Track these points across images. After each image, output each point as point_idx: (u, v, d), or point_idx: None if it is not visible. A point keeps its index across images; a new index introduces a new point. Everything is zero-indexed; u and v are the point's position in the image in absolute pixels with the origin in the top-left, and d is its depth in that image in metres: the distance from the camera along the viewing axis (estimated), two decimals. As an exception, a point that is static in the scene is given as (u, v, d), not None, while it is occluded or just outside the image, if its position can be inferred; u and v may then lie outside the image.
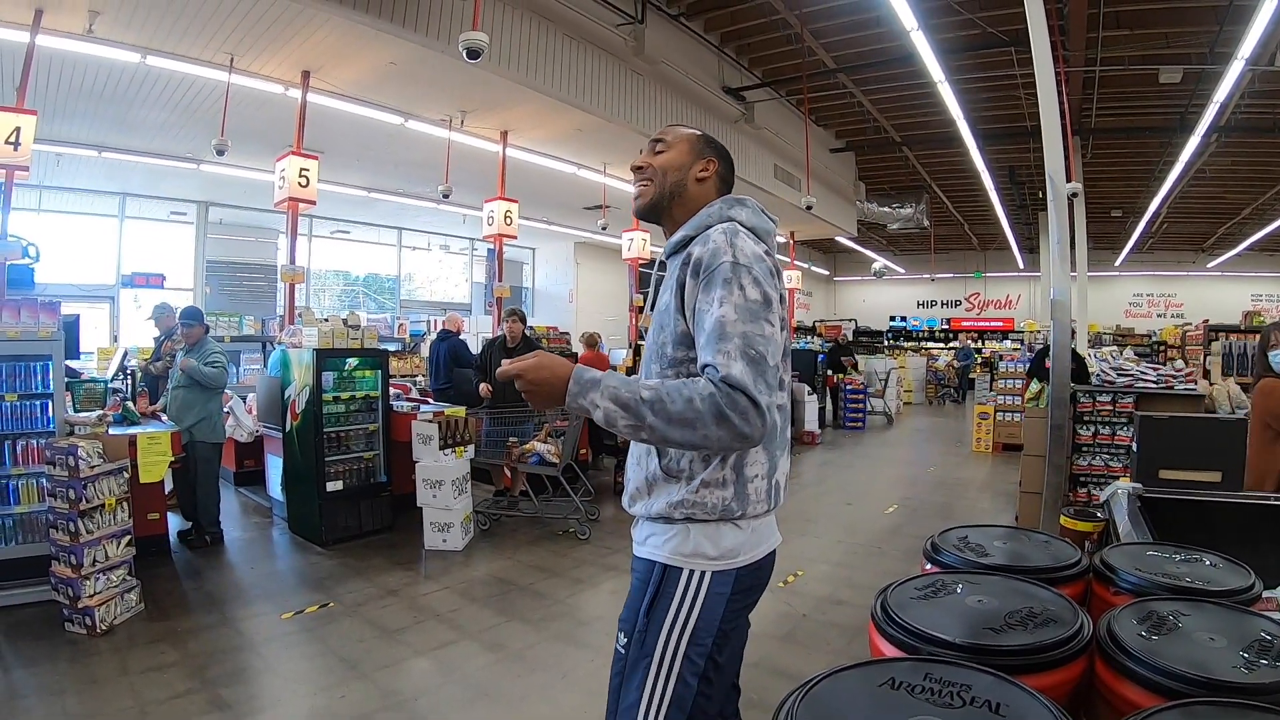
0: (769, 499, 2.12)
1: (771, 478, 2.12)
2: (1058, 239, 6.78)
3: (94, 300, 14.65)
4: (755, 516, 2.09)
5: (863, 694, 1.63)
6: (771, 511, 2.16)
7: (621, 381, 1.90)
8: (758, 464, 2.08)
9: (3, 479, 5.60)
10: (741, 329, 1.89)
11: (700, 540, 2.05)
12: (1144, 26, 11.25)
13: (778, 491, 2.16)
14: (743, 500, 2.05)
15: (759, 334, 1.91)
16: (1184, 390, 7.29)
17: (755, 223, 2.20)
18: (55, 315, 5.82)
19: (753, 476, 2.07)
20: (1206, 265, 28.60)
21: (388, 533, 7.74)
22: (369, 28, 7.96)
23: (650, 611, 2.07)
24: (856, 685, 1.67)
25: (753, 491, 2.07)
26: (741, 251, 2.00)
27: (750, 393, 1.83)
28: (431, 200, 15.27)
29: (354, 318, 8.17)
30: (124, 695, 4.28)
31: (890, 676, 1.68)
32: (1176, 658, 1.76)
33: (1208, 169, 17.67)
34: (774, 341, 1.94)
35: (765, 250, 2.10)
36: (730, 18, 12.62)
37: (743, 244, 2.03)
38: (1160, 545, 2.78)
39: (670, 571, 2.07)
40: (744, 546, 2.07)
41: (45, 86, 9.36)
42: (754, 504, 2.07)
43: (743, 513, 2.05)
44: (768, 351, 1.90)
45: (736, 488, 2.05)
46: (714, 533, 2.05)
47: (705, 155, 2.35)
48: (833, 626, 5.45)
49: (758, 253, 2.04)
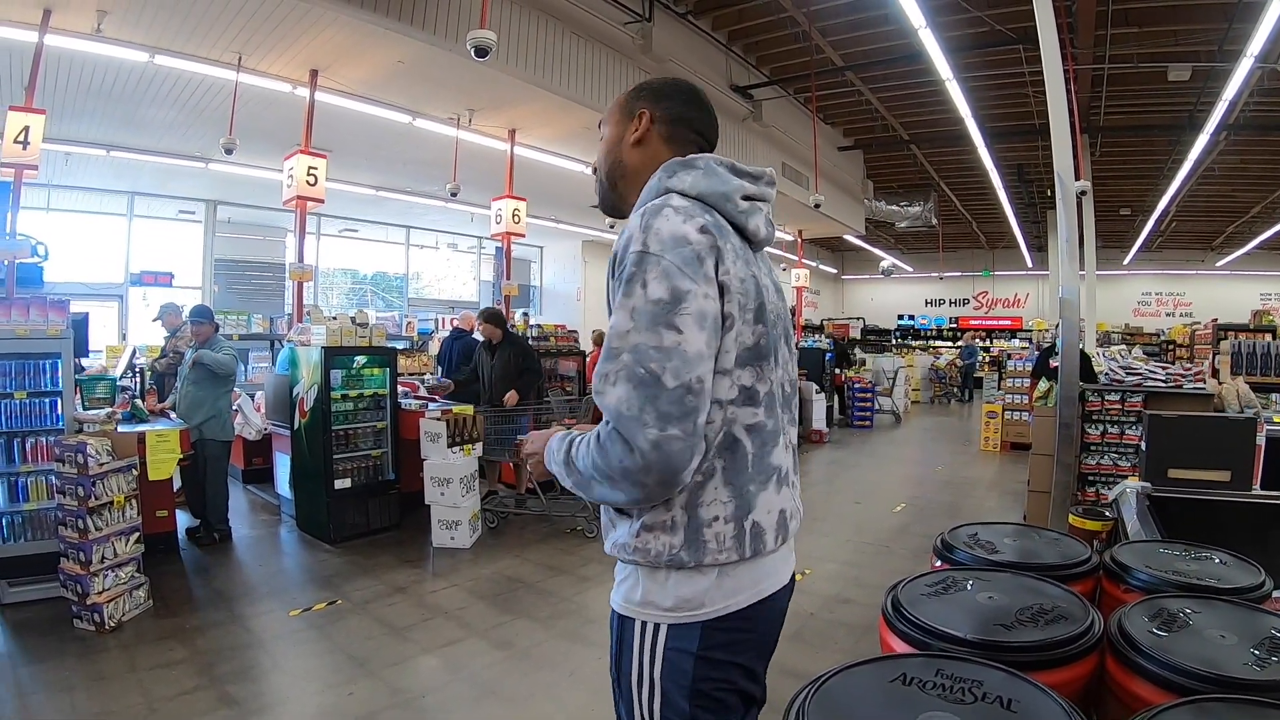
0: (739, 546, 1.65)
1: (743, 519, 1.66)
2: (1066, 237, 6.74)
3: (103, 299, 14.70)
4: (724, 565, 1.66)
5: (874, 690, 1.62)
6: (756, 559, 1.70)
7: (559, 444, 1.75)
8: (717, 503, 1.64)
9: (12, 476, 5.63)
10: (633, 341, 1.54)
11: (649, 588, 1.67)
12: (1153, 24, 11.23)
13: (760, 535, 1.69)
14: (696, 549, 1.62)
15: (654, 345, 1.51)
16: (1193, 389, 7.28)
17: (705, 187, 1.72)
18: (64, 313, 5.85)
19: (710, 519, 1.63)
20: (1215, 264, 28.51)
21: (395, 530, 7.75)
22: (377, 26, 7.99)
23: (618, 664, 1.75)
24: (868, 681, 1.65)
25: (712, 537, 1.63)
26: (656, 235, 1.58)
27: (627, 428, 1.52)
28: (439, 199, 15.28)
29: (362, 316, 8.18)
30: (132, 692, 4.29)
31: (901, 673, 1.67)
32: (1188, 655, 1.76)
33: (1217, 167, 17.61)
34: (679, 353, 1.51)
35: (703, 226, 1.62)
36: (738, 15, 12.64)
37: (660, 225, 1.59)
38: (1170, 543, 2.77)
39: (625, 622, 1.72)
40: (711, 596, 1.64)
41: (54, 86, 9.40)
42: (714, 553, 1.63)
43: (696, 563, 1.62)
44: (665, 368, 1.50)
45: (687, 533, 1.63)
46: (664, 580, 1.66)
47: (634, 111, 1.93)
48: (840, 625, 5.45)
49: (680, 233, 1.58)
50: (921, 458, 13.92)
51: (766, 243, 1.86)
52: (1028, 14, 7.04)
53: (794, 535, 1.84)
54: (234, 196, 16.02)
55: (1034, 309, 32.14)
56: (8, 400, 5.65)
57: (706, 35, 12.66)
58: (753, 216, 1.78)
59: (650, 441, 1.48)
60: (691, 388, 1.52)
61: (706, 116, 1.95)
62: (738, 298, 1.63)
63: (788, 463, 1.82)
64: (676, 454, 1.50)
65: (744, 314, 1.65)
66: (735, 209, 1.74)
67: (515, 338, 9.01)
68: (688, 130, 1.92)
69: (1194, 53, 11.76)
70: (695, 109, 1.94)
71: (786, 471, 1.80)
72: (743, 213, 1.75)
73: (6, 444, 5.65)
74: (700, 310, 1.55)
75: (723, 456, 1.65)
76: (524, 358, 8.54)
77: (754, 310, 1.67)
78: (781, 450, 1.78)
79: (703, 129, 1.94)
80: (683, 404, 1.50)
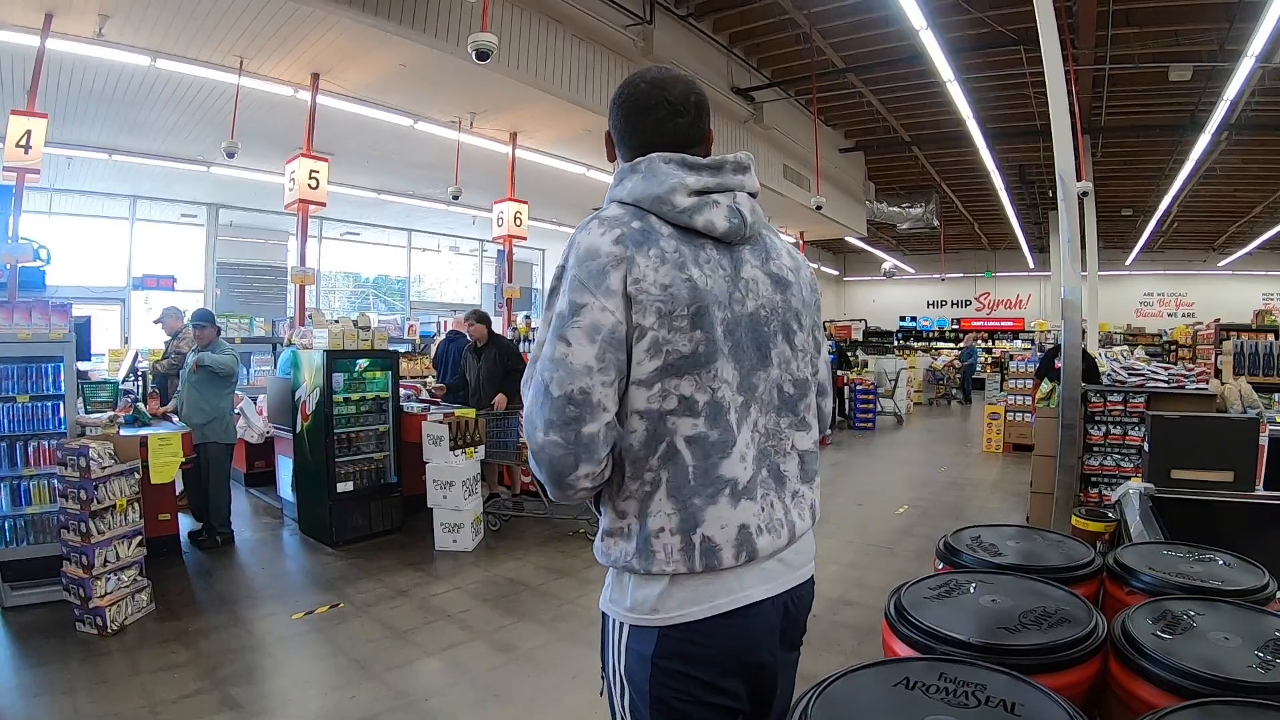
0: (688, 559, 1.64)
1: (689, 533, 1.64)
2: (1068, 238, 6.74)
3: (105, 302, 14.74)
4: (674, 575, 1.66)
5: (878, 693, 1.62)
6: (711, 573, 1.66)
7: None
8: (660, 515, 1.65)
9: (15, 480, 5.65)
10: (544, 350, 1.64)
11: (615, 589, 1.75)
12: (1154, 24, 11.21)
13: (712, 551, 1.65)
14: (645, 558, 1.65)
15: (550, 356, 1.61)
16: (1195, 390, 7.28)
17: (641, 191, 1.71)
18: (66, 317, 5.86)
19: (656, 530, 1.65)
20: (1217, 264, 28.47)
21: (398, 533, 7.74)
22: (378, 30, 8.00)
23: (602, 658, 1.81)
24: (871, 685, 1.65)
25: (659, 549, 1.64)
26: (575, 249, 1.65)
27: (526, 431, 1.67)
28: (441, 202, 15.30)
29: (364, 319, 8.18)
30: (135, 695, 4.30)
31: (905, 676, 1.66)
32: (1191, 657, 1.75)
33: (1218, 167, 17.60)
34: (565, 365, 1.57)
35: (619, 236, 1.63)
36: (739, 18, 12.63)
37: (581, 238, 1.66)
38: (1173, 545, 2.76)
39: (604, 618, 1.79)
40: (664, 603, 1.65)
41: (56, 90, 9.42)
42: (661, 563, 1.64)
43: (645, 571, 1.65)
44: (553, 379, 1.58)
45: (638, 542, 1.67)
46: (625, 582, 1.71)
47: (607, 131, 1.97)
48: (843, 627, 5.43)
49: (594, 246, 1.62)
50: (924, 459, 13.91)
51: (733, 235, 1.77)
52: (1028, 15, 7.03)
53: (773, 552, 1.75)
54: (236, 200, 16.07)
55: (1036, 310, 32.11)
56: (10, 404, 5.68)
57: (707, 37, 12.65)
58: (702, 212, 1.71)
59: (538, 444, 1.60)
60: (573, 398, 1.56)
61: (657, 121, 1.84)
62: (655, 306, 1.60)
63: (752, 474, 1.72)
64: (558, 459, 1.58)
65: (670, 322, 1.61)
66: (673, 209, 1.69)
67: (500, 339, 9.05)
68: (639, 149, 1.83)
69: (1195, 52, 11.74)
70: (641, 118, 1.85)
71: (749, 483, 1.71)
72: (685, 210, 1.70)
73: (9, 448, 5.66)
74: (593, 323, 1.58)
75: (665, 468, 1.65)
76: (509, 358, 8.57)
77: (688, 316, 1.63)
78: (737, 461, 1.69)
79: (656, 138, 1.83)
80: (564, 413, 1.57)
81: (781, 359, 1.82)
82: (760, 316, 1.78)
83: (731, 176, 1.79)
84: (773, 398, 1.79)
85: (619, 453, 1.68)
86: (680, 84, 1.85)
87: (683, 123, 1.84)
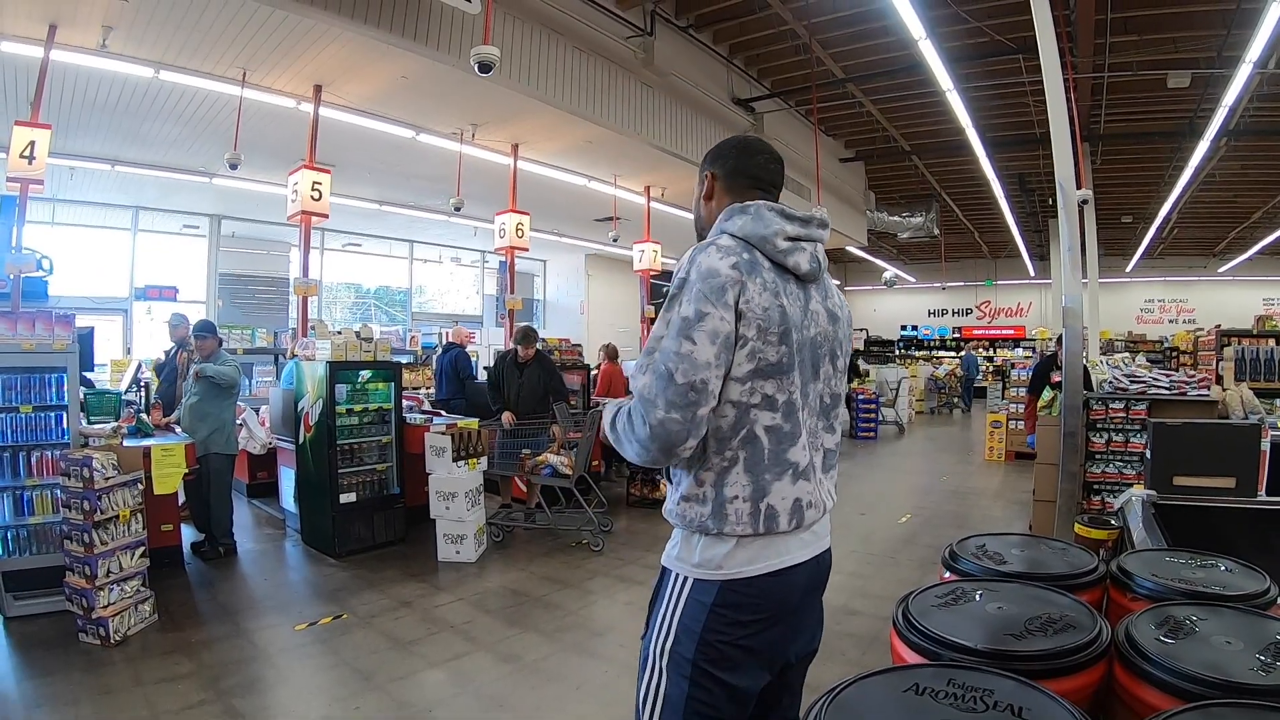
0: (755, 522, 2.00)
1: (759, 501, 2.01)
2: (1068, 246, 6.75)
3: (107, 313, 14.73)
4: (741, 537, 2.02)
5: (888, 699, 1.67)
6: (771, 535, 2.04)
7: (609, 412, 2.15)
8: (737, 485, 2.01)
9: (17, 490, 5.66)
10: (664, 345, 1.97)
11: (684, 547, 2.08)
12: (1152, 32, 11.23)
13: (774, 517, 2.02)
14: (720, 519, 2.00)
15: (674, 350, 1.92)
16: (1197, 396, 7.25)
17: (750, 229, 2.09)
18: (70, 327, 5.87)
19: (731, 498, 2.01)
20: (1218, 270, 28.43)
21: (401, 544, 7.75)
22: (380, 42, 8.01)
23: (651, 607, 2.16)
24: (881, 691, 1.71)
25: (732, 513, 2.00)
26: (697, 267, 1.99)
27: (644, 407, 1.95)
28: (443, 213, 15.28)
29: (367, 330, 8.18)
30: (138, 705, 4.30)
31: (914, 683, 1.71)
32: (1194, 661, 1.77)
33: (1217, 173, 17.61)
34: (690, 359, 1.90)
35: (735, 263, 1.98)
36: (739, 29, 12.65)
37: (703, 260, 2.00)
38: (1176, 551, 2.78)
39: (665, 573, 2.14)
40: (730, 560, 2.00)
41: (59, 101, 9.43)
42: (733, 525, 2.00)
43: (719, 531, 2.01)
44: (678, 369, 1.90)
45: (714, 505, 2.01)
46: (695, 542, 2.05)
47: (704, 171, 2.36)
48: (847, 636, 5.42)
49: (714, 268, 1.97)
50: (926, 468, 13.90)
51: (812, 276, 2.18)
52: (1027, 24, 7.06)
53: (812, 523, 2.13)
54: (238, 211, 16.06)
55: (1037, 318, 32.10)
56: (13, 414, 5.68)
57: (708, 49, 12.68)
58: (793, 255, 2.11)
59: (658, 420, 1.91)
60: (695, 386, 1.90)
61: (760, 161, 2.31)
62: (756, 323, 1.97)
63: (809, 460, 2.11)
64: (674, 433, 1.91)
65: (764, 336, 1.98)
66: (774, 249, 2.08)
67: (545, 358, 9.00)
68: (744, 178, 2.29)
69: (1193, 59, 11.76)
70: (748, 157, 2.31)
71: (806, 468, 2.09)
72: (782, 251, 2.09)
73: (12, 458, 5.67)
74: (714, 329, 1.92)
75: (745, 449, 2.01)
76: (551, 378, 8.60)
77: (777, 334, 2.00)
78: (800, 449, 2.07)
79: (758, 172, 2.30)
80: (685, 397, 1.90)
81: (826, 376, 2.22)
82: (817, 341, 2.17)
83: (815, 230, 2.19)
84: (816, 405, 2.17)
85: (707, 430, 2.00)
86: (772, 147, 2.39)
87: (775, 169, 2.34)
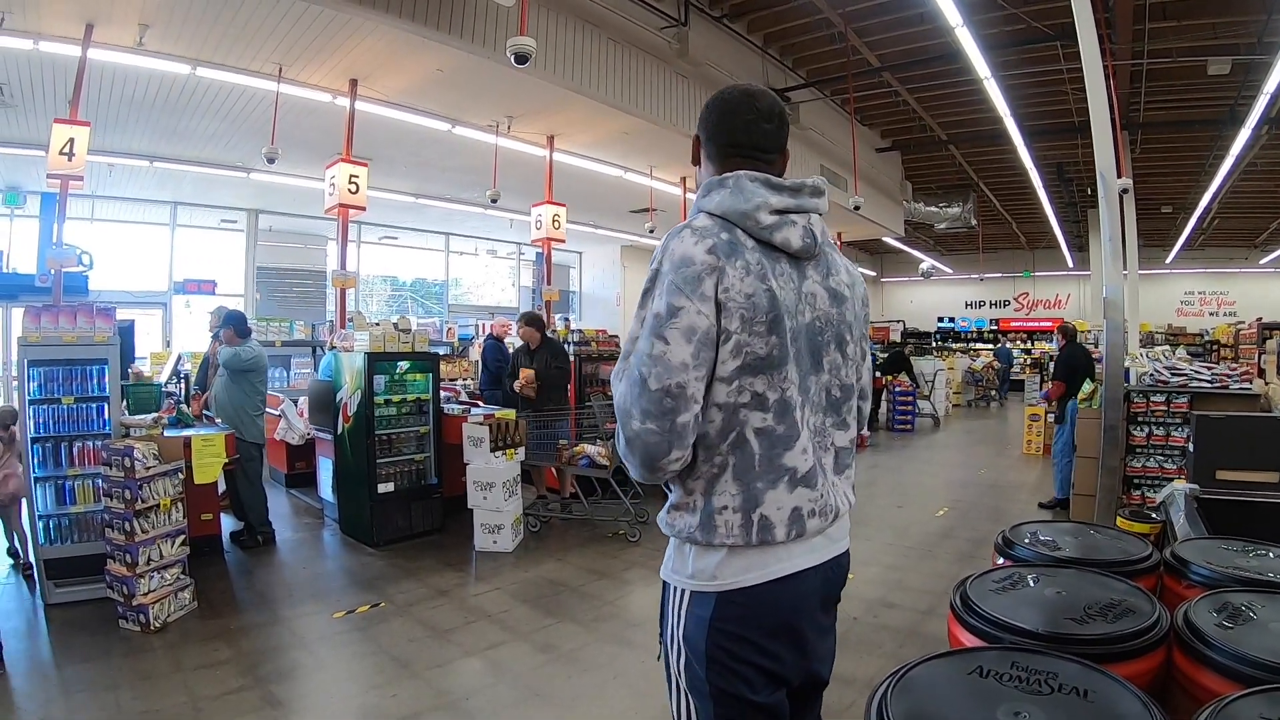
0: (746, 534, 1.82)
1: (750, 511, 1.83)
2: (1109, 236, 6.65)
3: (147, 307, 14.96)
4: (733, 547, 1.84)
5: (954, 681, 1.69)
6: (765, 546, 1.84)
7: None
8: (725, 494, 1.84)
9: (60, 479, 5.74)
10: (638, 347, 1.82)
11: (676, 557, 1.93)
12: (1191, 17, 11.04)
13: (768, 528, 1.83)
14: (708, 531, 1.83)
15: (647, 352, 1.77)
16: (1239, 390, 7.12)
17: (729, 205, 1.87)
18: (110, 320, 5.94)
19: (720, 508, 1.84)
20: (1259, 261, 27.94)
21: (438, 534, 7.78)
22: (416, 35, 8.04)
23: (660, 624, 2.01)
24: (946, 673, 1.73)
25: (721, 524, 1.83)
26: (670, 255, 1.80)
27: (621, 419, 1.82)
28: (479, 205, 15.38)
29: (405, 322, 8.21)
30: (177, 691, 4.34)
31: (978, 665, 1.73)
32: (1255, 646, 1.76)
33: (1259, 162, 17.27)
34: (663, 362, 1.74)
35: (711, 246, 1.79)
36: (773, 18, 12.57)
37: (675, 245, 1.81)
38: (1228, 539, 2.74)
39: (664, 586, 1.99)
40: (722, 571, 1.83)
41: (97, 99, 9.57)
42: (722, 536, 1.83)
43: (707, 542, 1.84)
44: (651, 373, 1.74)
45: (702, 516, 1.85)
46: (686, 553, 1.90)
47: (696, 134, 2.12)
48: (884, 629, 5.37)
49: (688, 254, 1.77)
50: (963, 461, 13.76)
51: (806, 253, 1.93)
52: (1065, 10, 6.96)
53: (818, 531, 1.92)
54: (275, 205, 16.24)
55: (1075, 310, 31.66)
56: (55, 405, 5.75)
57: (742, 39, 12.61)
58: (781, 230, 1.87)
59: (634, 431, 1.77)
60: (670, 391, 1.74)
61: (744, 121, 2.01)
62: (740, 313, 1.76)
63: (813, 464, 1.90)
64: (653, 445, 1.76)
65: (749, 327, 1.77)
66: (758, 225, 1.85)
67: (553, 342, 9.05)
68: (729, 145, 2.01)
69: (1233, 45, 11.55)
70: (731, 117, 2.01)
71: (809, 472, 1.89)
72: (768, 228, 1.86)
73: (54, 448, 5.76)
74: (689, 325, 1.74)
75: (734, 454, 1.83)
76: (556, 356, 8.65)
77: (765, 323, 1.79)
78: (800, 453, 1.87)
79: (739, 137, 2.01)
80: (660, 404, 1.74)
81: (832, 366, 1.98)
82: (815, 327, 1.93)
83: (808, 199, 1.94)
84: (820, 400, 1.95)
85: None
86: (767, 97, 2.05)
87: (767, 129, 2.01)
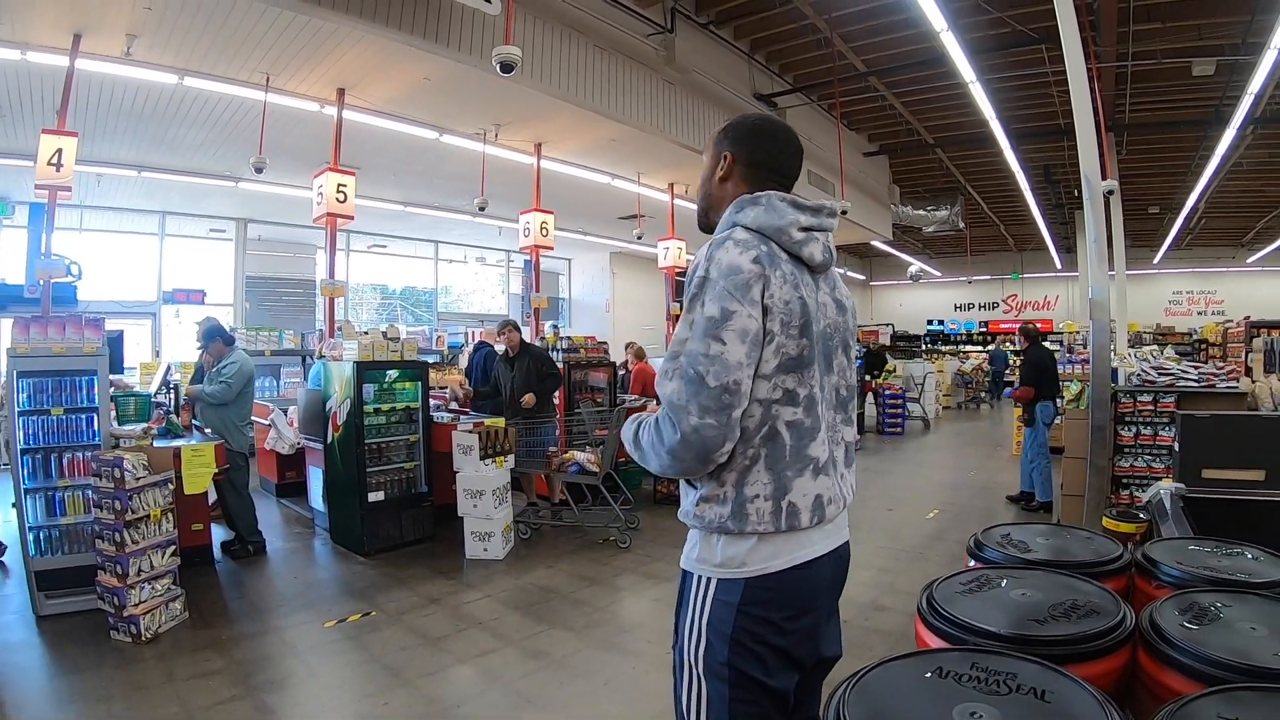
0: (776, 520, 1.94)
1: (781, 499, 1.95)
2: (1095, 238, 6.70)
3: (136, 317, 14.92)
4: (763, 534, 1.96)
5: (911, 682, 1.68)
6: (792, 532, 1.97)
7: (629, 427, 2.13)
8: (758, 484, 1.95)
9: (49, 491, 5.73)
10: (689, 347, 1.91)
11: (704, 547, 2.02)
12: (1175, 19, 11.12)
13: (795, 514, 1.96)
14: (740, 519, 1.94)
15: (703, 353, 1.87)
16: (1226, 388, 7.17)
17: (764, 221, 2.02)
18: (99, 331, 5.93)
19: (752, 496, 1.95)
20: (1246, 260, 28.16)
21: (429, 542, 7.77)
22: (402, 44, 8.07)
23: (677, 614, 2.10)
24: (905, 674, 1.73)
25: (753, 512, 1.94)
26: (716, 264, 1.92)
27: (675, 414, 1.90)
28: (467, 213, 15.38)
29: (393, 330, 8.22)
30: (169, 701, 4.34)
31: (937, 666, 1.73)
32: (1218, 646, 1.77)
33: (1245, 162, 17.41)
34: (721, 360, 1.85)
35: (755, 257, 1.93)
36: (760, 24, 12.64)
37: (721, 256, 1.93)
38: (1202, 539, 2.77)
39: (686, 576, 2.08)
40: (751, 557, 1.94)
41: (85, 108, 9.57)
42: (754, 524, 1.94)
43: (739, 531, 1.95)
44: (709, 371, 1.85)
45: (734, 505, 1.95)
46: (715, 542, 1.99)
47: (721, 150, 2.23)
48: (875, 632, 5.40)
49: (735, 263, 1.91)
50: (953, 463, 13.80)
51: (824, 267, 2.12)
52: (1049, 13, 7.01)
53: (833, 518, 2.06)
54: (264, 214, 16.24)
55: (1064, 311, 31.83)
56: (45, 416, 5.75)
57: (729, 45, 12.67)
58: (808, 245, 2.05)
59: (691, 426, 1.85)
60: (728, 388, 1.85)
61: (785, 152, 2.22)
62: (780, 317, 1.92)
63: (829, 455, 2.06)
64: (710, 438, 1.86)
65: (787, 330, 1.93)
66: (790, 240, 2.02)
67: (532, 348, 9.07)
68: (765, 169, 2.18)
69: (1218, 46, 11.65)
70: (774, 148, 2.21)
71: (826, 462, 2.04)
72: (798, 243, 2.03)
73: (44, 459, 5.75)
74: (743, 328, 1.87)
75: (766, 446, 1.95)
76: (543, 364, 8.64)
77: (798, 327, 1.95)
78: (820, 444, 2.02)
79: (779, 165, 2.20)
80: (719, 400, 1.85)
81: (840, 368, 2.16)
82: (828, 333, 2.11)
83: (826, 219, 2.13)
84: (832, 398, 2.12)
85: None
86: (794, 132, 2.28)
87: (795, 161, 2.24)
